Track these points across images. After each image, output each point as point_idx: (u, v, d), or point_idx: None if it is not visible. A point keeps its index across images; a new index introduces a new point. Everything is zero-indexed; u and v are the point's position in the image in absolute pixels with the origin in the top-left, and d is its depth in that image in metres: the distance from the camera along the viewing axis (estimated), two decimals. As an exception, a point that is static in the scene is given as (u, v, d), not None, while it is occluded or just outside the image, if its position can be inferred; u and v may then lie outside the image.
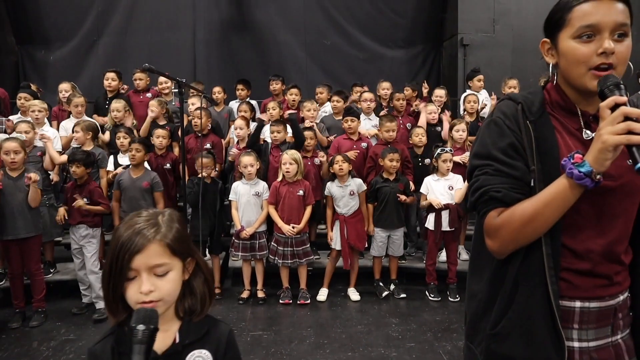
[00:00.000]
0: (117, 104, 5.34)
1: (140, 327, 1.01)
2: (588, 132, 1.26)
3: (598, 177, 1.11)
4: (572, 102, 1.28)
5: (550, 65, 1.31)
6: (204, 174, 4.53)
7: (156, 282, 1.14)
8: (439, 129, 5.42)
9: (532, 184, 1.22)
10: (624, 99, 1.11)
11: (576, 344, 1.25)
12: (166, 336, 1.20)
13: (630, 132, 1.06)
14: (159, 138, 4.88)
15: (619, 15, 1.18)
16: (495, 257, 1.28)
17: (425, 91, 6.38)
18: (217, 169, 4.96)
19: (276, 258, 4.54)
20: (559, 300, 1.21)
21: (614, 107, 1.10)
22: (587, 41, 1.19)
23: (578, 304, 1.24)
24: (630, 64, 1.23)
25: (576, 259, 1.23)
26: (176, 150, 5.25)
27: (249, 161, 4.52)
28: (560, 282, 1.22)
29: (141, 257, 1.12)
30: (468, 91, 6.17)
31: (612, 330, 1.28)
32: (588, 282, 1.23)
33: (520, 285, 1.24)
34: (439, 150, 4.61)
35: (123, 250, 1.11)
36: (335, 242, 4.58)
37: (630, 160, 1.15)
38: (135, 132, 5.18)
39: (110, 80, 5.83)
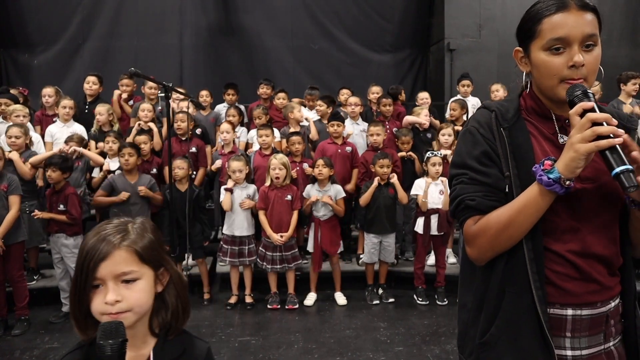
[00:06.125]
0: (101, 108, 5.28)
1: (108, 342, 0.95)
2: (564, 136, 1.28)
3: (568, 182, 1.13)
4: (546, 108, 1.30)
5: (524, 73, 1.34)
6: (175, 177, 4.50)
7: (123, 291, 1.07)
8: (429, 135, 5.43)
9: (507, 190, 1.24)
10: (591, 104, 1.13)
11: (569, 352, 1.24)
12: (140, 356, 1.14)
13: (598, 137, 1.08)
14: (141, 144, 4.82)
15: (588, 27, 1.19)
16: (475, 264, 1.29)
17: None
18: (194, 174, 4.92)
19: (264, 263, 4.52)
20: (545, 306, 1.20)
21: (583, 114, 1.12)
22: (557, 53, 1.21)
23: (570, 311, 1.24)
24: (601, 68, 1.24)
25: (561, 262, 1.23)
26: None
27: (237, 166, 4.49)
28: (549, 287, 1.22)
29: (107, 265, 1.05)
30: (456, 97, 6.21)
31: (605, 337, 1.28)
32: (578, 287, 1.23)
33: (506, 292, 1.23)
34: (428, 154, 4.63)
35: (88, 259, 1.05)
36: (310, 244, 4.58)
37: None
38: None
39: (91, 84, 5.75)
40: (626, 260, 1.30)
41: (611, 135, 1.09)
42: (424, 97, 6.09)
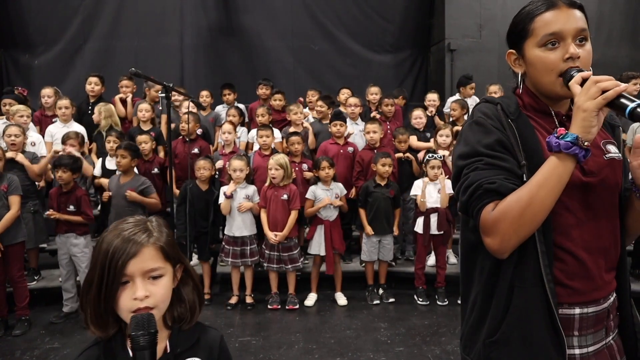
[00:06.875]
0: (95, 108, 5.33)
1: (141, 333, 0.99)
2: None
3: (586, 144, 1.12)
4: (544, 104, 1.31)
5: (519, 74, 1.35)
6: (200, 177, 4.56)
7: (150, 287, 1.11)
8: (427, 134, 5.44)
9: (524, 179, 1.21)
10: (589, 73, 1.16)
11: (577, 351, 1.25)
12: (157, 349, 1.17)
13: (603, 92, 1.10)
14: (142, 144, 4.83)
15: (579, 22, 1.23)
16: (497, 257, 1.22)
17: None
18: (217, 174, 4.94)
19: (264, 261, 4.53)
20: (557, 300, 1.20)
21: (582, 84, 1.15)
22: (552, 48, 1.24)
23: (577, 310, 1.24)
24: (591, 68, 1.26)
25: (568, 259, 1.23)
26: (162, 155, 5.21)
27: (238, 165, 4.49)
28: (558, 287, 1.22)
29: (136, 262, 1.09)
30: (454, 97, 6.21)
31: (606, 332, 1.30)
32: (584, 285, 1.24)
33: (515, 289, 1.22)
34: (427, 156, 4.63)
35: (116, 258, 1.08)
36: (320, 248, 4.56)
37: (609, 140, 1.23)
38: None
39: (92, 84, 5.76)
40: (622, 253, 1.33)
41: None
42: (432, 98, 6.07)
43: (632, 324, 1.34)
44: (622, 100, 1.09)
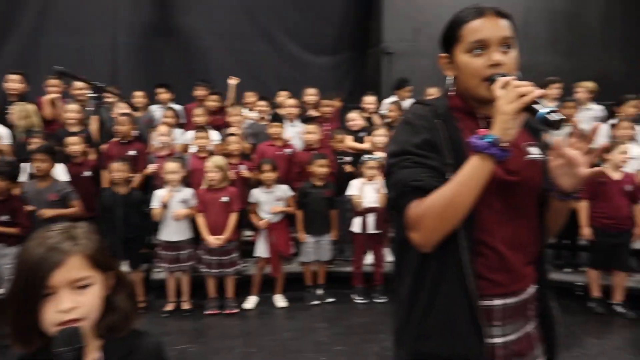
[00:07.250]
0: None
1: (66, 349, 0.95)
2: None
3: (505, 145, 1.19)
4: (472, 106, 1.38)
5: (450, 78, 1.42)
6: (116, 181, 4.36)
7: (78, 298, 1.04)
8: (362, 134, 5.50)
9: (449, 177, 1.26)
10: (511, 78, 1.23)
11: (499, 340, 1.32)
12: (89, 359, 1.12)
13: (523, 96, 1.18)
14: (71, 146, 4.58)
15: (504, 30, 1.30)
16: (421, 250, 1.28)
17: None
18: (136, 177, 4.75)
19: (203, 267, 4.43)
20: (477, 292, 1.27)
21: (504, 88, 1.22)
22: (478, 55, 1.30)
23: (498, 301, 1.31)
24: (520, 74, 1.33)
25: (490, 254, 1.30)
26: (93, 157, 4.98)
27: (173, 168, 4.37)
28: (480, 280, 1.28)
29: (60, 273, 1.02)
30: (391, 99, 6.35)
31: (526, 321, 1.38)
32: (505, 278, 1.31)
33: (441, 283, 1.28)
34: (364, 157, 4.71)
35: (39, 268, 1.01)
36: (264, 250, 4.54)
37: (529, 147, 1.29)
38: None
39: (13, 83, 5.41)
40: (542, 248, 1.41)
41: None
42: (369, 101, 6.14)
43: (550, 314, 1.44)
44: (537, 105, 1.17)
